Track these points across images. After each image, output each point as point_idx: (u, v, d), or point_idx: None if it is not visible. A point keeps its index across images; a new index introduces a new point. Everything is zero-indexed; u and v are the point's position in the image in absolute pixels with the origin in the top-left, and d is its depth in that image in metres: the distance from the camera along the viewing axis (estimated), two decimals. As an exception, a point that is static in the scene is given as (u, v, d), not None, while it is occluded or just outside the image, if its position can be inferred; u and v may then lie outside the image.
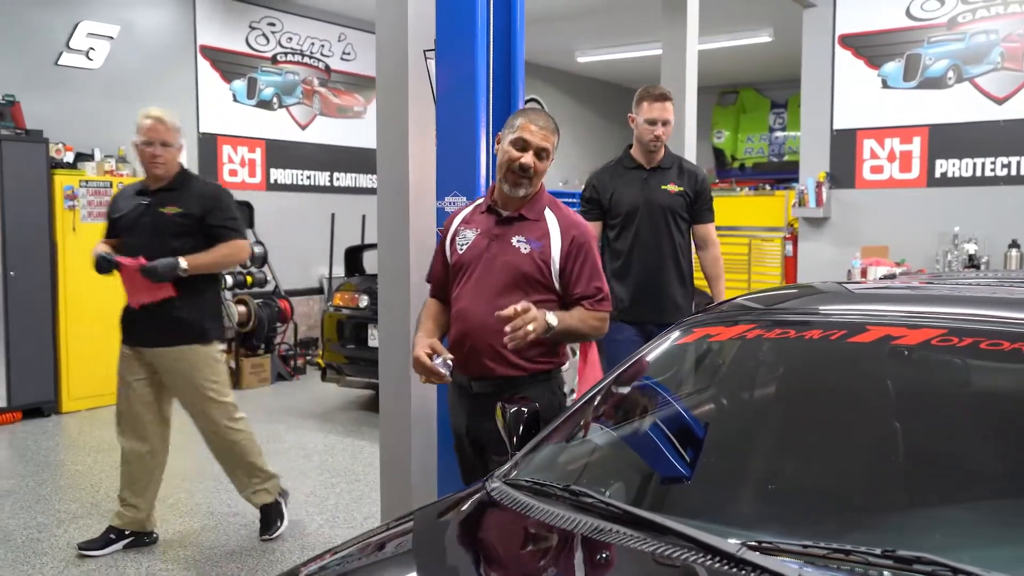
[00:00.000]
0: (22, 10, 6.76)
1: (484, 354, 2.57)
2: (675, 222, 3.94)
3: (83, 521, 4.29)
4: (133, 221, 3.75)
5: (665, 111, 3.90)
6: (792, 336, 2.05)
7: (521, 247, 2.60)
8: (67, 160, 6.67)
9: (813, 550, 1.46)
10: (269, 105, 8.75)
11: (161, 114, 3.78)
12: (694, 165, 4.17)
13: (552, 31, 10.04)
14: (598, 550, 1.61)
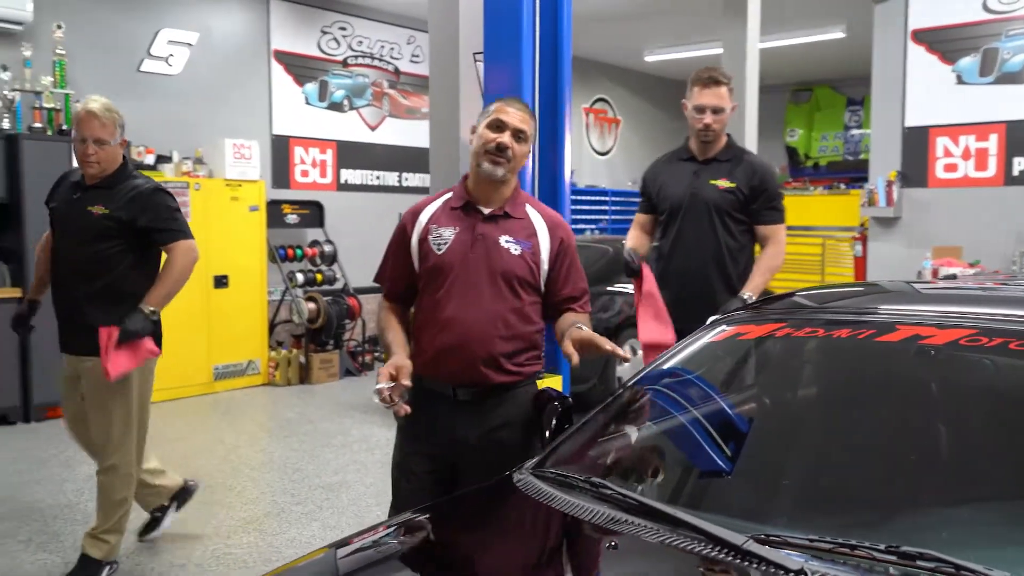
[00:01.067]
0: (108, 20, 7.10)
1: (481, 362, 2.40)
2: (723, 222, 3.48)
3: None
4: (63, 216, 3.48)
5: (716, 97, 3.46)
6: (820, 335, 2.06)
7: (511, 248, 2.45)
8: (148, 162, 6.98)
9: (819, 544, 1.49)
10: (340, 107, 8.98)
11: (97, 107, 3.36)
12: (758, 160, 3.66)
13: (619, 30, 10.04)
14: (609, 539, 1.66)
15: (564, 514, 1.76)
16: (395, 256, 2.59)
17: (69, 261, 3.44)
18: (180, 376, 7.05)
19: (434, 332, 2.43)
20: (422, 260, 2.50)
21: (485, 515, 1.92)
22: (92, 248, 3.37)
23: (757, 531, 1.54)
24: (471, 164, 2.52)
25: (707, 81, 3.46)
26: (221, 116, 7.86)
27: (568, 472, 1.92)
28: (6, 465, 5.18)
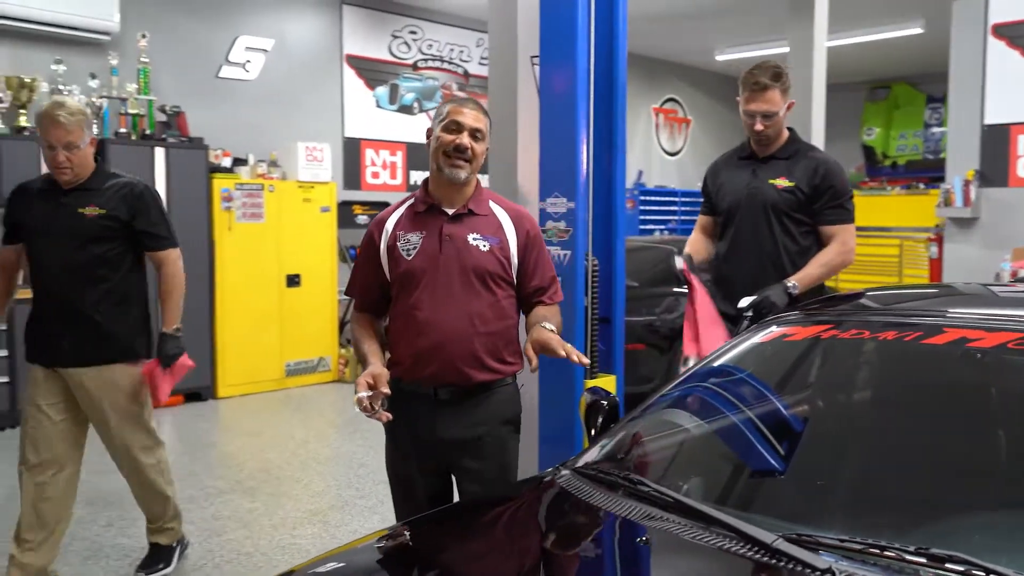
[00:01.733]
0: (189, 28, 7.39)
1: (462, 362, 2.41)
2: (780, 223, 3.28)
3: (226, 496, 4.69)
4: (47, 224, 3.24)
5: (766, 102, 3.24)
6: (866, 337, 2.05)
7: (480, 245, 2.47)
8: (225, 165, 7.24)
9: (849, 544, 1.49)
10: (410, 110, 9.14)
11: (61, 114, 3.14)
12: (822, 156, 3.41)
13: (690, 30, 9.98)
14: (641, 535, 1.69)
15: (601, 510, 1.79)
16: (364, 267, 2.59)
17: (67, 269, 3.24)
18: (254, 372, 7.29)
19: (411, 336, 2.44)
20: (392, 267, 2.50)
21: (526, 510, 1.97)
22: (92, 251, 3.24)
23: (789, 530, 1.55)
24: (431, 168, 2.53)
25: (754, 87, 3.26)
26: (295, 120, 8.09)
27: (608, 470, 1.95)
28: (89, 454, 5.43)
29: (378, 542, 1.86)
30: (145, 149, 6.60)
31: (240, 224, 7.13)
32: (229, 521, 4.32)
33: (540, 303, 2.56)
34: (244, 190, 7.18)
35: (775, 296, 3.09)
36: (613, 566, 1.73)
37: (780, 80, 3.26)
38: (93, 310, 3.26)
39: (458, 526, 1.95)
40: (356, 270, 2.65)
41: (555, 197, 3.25)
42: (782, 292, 3.11)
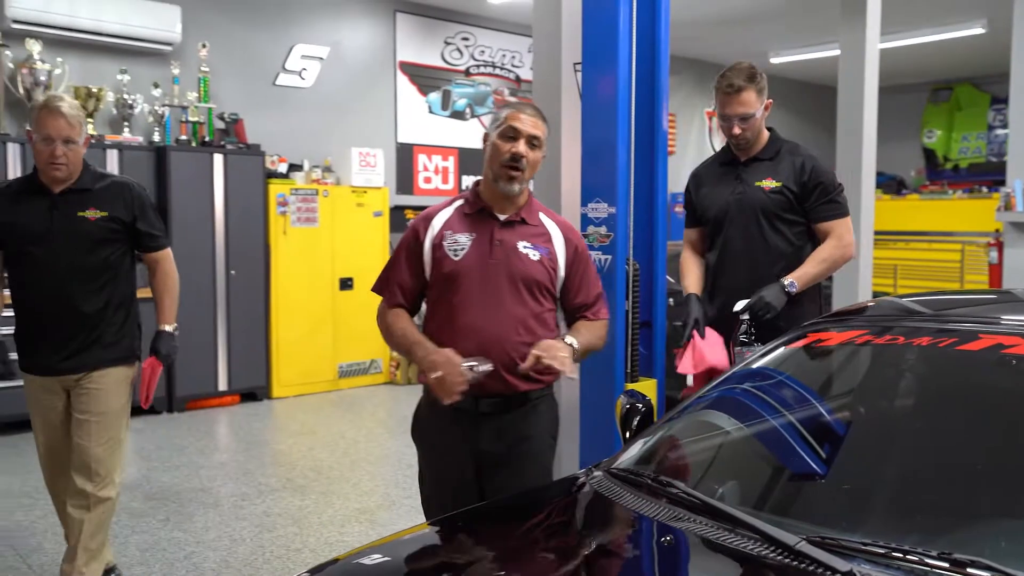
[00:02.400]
0: (247, 38, 7.59)
1: (506, 369, 2.36)
2: (772, 225, 3.13)
3: (277, 494, 4.81)
4: (43, 228, 3.08)
5: (741, 104, 3.08)
6: (900, 343, 2.04)
7: (530, 253, 2.43)
8: (280, 170, 7.41)
9: (871, 548, 1.50)
10: (462, 116, 9.24)
11: (65, 106, 3.05)
12: (806, 152, 3.23)
13: (744, 33, 9.89)
14: (667, 534, 1.72)
15: (629, 510, 1.83)
16: (405, 262, 2.52)
17: (72, 275, 3.11)
18: (307, 373, 7.45)
19: (454, 341, 2.36)
20: (435, 266, 2.45)
21: (557, 510, 2.01)
22: (99, 255, 3.13)
23: (813, 533, 1.57)
24: (485, 174, 2.50)
25: (727, 90, 3.11)
26: (349, 126, 8.24)
27: (639, 472, 1.98)
28: (150, 451, 5.63)
29: (415, 537, 1.92)
30: (204, 156, 6.80)
31: (295, 228, 7.30)
32: (280, 518, 4.44)
33: (584, 319, 2.55)
34: (299, 195, 7.34)
35: (770, 296, 2.98)
36: (638, 566, 1.76)
37: (754, 81, 3.13)
38: (99, 315, 3.15)
39: (490, 524, 2.00)
40: (392, 266, 2.57)
41: (596, 202, 3.28)
42: (779, 292, 3.01)
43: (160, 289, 3.32)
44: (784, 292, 3.01)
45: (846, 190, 5.37)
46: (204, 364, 6.86)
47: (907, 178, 12.81)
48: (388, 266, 2.60)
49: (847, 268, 5.44)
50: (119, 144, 6.46)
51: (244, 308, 7.08)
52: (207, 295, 6.83)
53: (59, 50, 6.46)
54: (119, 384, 3.24)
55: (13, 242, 3.12)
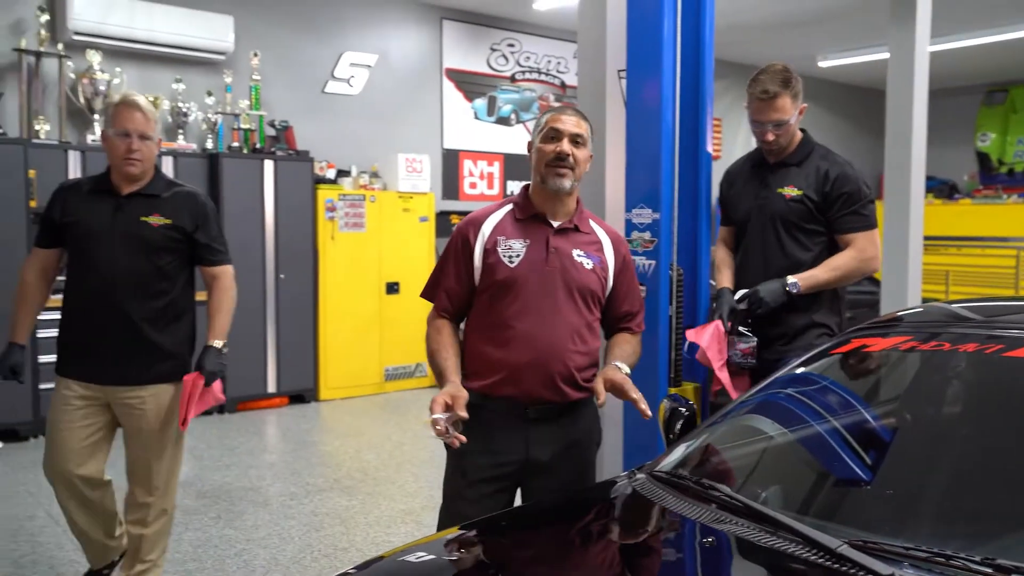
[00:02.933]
0: (298, 46, 7.74)
1: (561, 379, 2.36)
2: (790, 235, 3.08)
3: (324, 494, 4.90)
4: (102, 231, 3.03)
5: (776, 111, 3.02)
6: (946, 349, 2.03)
7: (584, 262, 2.43)
8: (329, 176, 7.54)
9: (914, 552, 1.51)
10: (507, 121, 9.30)
11: (137, 99, 3.05)
12: (834, 160, 3.13)
13: (792, 37, 9.81)
14: (709, 536, 1.74)
15: (672, 512, 1.85)
16: (455, 268, 2.46)
17: (125, 279, 3.03)
18: (354, 376, 7.56)
19: (507, 349, 2.35)
20: (487, 273, 2.41)
21: (600, 511, 2.04)
22: (154, 262, 3.06)
23: (855, 537, 1.58)
24: (534, 180, 2.50)
25: (762, 96, 3.03)
26: (396, 132, 8.35)
27: (681, 474, 2.00)
28: (202, 451, 5.77)
29: (461, 536, 1.96)
30: (255, 162, 6.95)
31: (342, 233, 7.41)
32: (327, 517, 4.52)
33: (627, 329, 2.56)
34: (347, 200, 7.46)
35: (766, 291, 2.99)
36: (680, 566, 1.78)
37: (789, 86, 3.05)
38: (149, 325, 3.06)
39: (533, 524, 2.03)
40: (441, 272, 2.52)
41: (640, 208, 3.30)
42: (779, 289, 2.99)
43: (215, 305, 3.22)
44: (784, 291, 2.99)
45: (895, 195, 5.33)
46: (254, 366, 7.00)
47: (960, 182, 12.57)
48: (436, 271, 2.55)
49: (895, 274, 5.37)
50: (174, 151, 6.64)
51: (293, 312, 7.21)
52: (257, 299, 6.97)
53: (117, 60, 6.66)
54: (164, 404, 3.13)
55: (74, 241, 3.07)
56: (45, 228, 3.14)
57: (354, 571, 1.81)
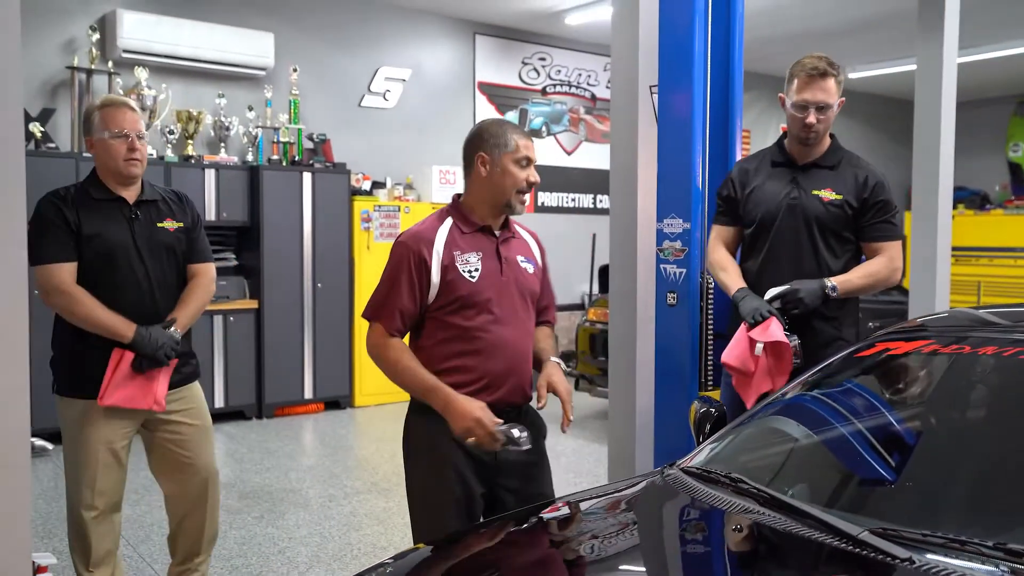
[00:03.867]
0: (335, 62, 7.95)
1: (526, 383, 2.51)
2: (825, 240, 2.97)
3: (363, 496, 5.05)
4: (127, 243, 2.93)
5: (823, 91, 2.91)
6: (966, 352, 2.14)
7: (527, 267, 2.56)
8: (364, 188, 7.73)
9: (931, 539, 1.61)
10: (538, 134, 9.45)
11: (126, 99, 3.03)
12: (869, 167, 3.08)
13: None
14: (737, 523, 1.85)
15: (705, 503, 1.97)
16: (409, 288, 2.42)
17: (159, 288, 3.00)
18: (387, 383, 7.60)
19: (482, 358, 2.42)
20: (448, 289, 2.42)
21: (639, 501, 2.16)
22: (174, 267, 3.05)
23: (876, 526, 1.68)
24: (491, 197, 2.50)
25: (812, 72, 2.92)
26: (430, 144, 8.53)
27: (712, 469, 2.12)
28: (242, 454, 5.95)
29: (495, 526, 2.09)
30: (294, 174, 7.16)
31: (377, 243, 7.59)
32: (366, 518, 4.67)
33: (546, 323, 2.71)
34: (382, 211, 7.64)
35: (805, 294, 2.85)
36: (711, 551, 1.90)
37: (836, 70, 2.96)
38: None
39: (573, 512, 2.15)
40: (393, 292, 2.44)
41: (671, 218, 3.42)
42: (817, 291, 2.87)
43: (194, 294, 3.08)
44: (823, 292, 2.87)
45: (923, 206, 5.39)
46: (292, 373, 7.19)
47: (992, 193, 12.52)
48: (385, 291, 2.47)
49: (924, 284, 5.42)
50: (216, 164, 6.86)
51: (329, 320, 7.39)
52: (296, 307, 7.17)
53: (163, 76, 6.90)
54: (199, 400, 3.15)
55: (97, 255, 2.89)
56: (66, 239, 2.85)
57: (391, 560, 1.93)
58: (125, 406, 2.87)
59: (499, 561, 1.97)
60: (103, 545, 2.97)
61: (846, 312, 3.04)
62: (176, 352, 2.94)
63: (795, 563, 1.76)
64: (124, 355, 2.84)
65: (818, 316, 2.94)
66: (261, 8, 7.46)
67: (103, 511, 2.95)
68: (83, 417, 2.90)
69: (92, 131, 2.95)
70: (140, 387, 2.87)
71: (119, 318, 2.86)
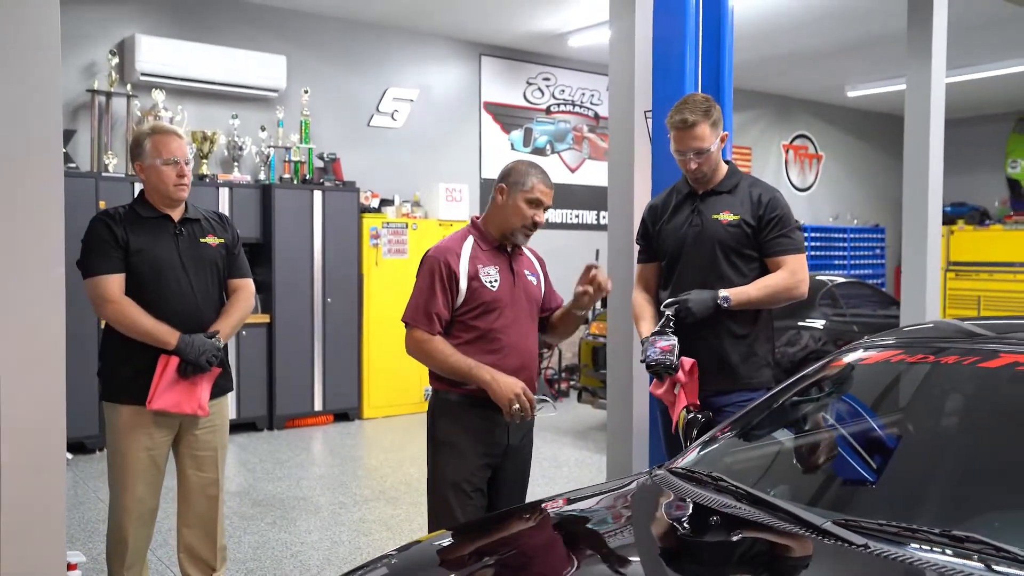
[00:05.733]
0: (345, 83, 8.19)
1: (533, 376, 2.93)
2: (728, 260, 3.08)
3: (371, 504, 5.23)
4: (172, 259, 3.10)
5: (695, 139, 3.03)
6: (930, 361, 2.32)
7: (532, 280, 3.00)
8: (373, 205, 7.94)
9: (886, 528, 1.79)
10: (543, 152, 9.67)
11: (174, 127, 3.25)
12: (764, 186, 3.19)
13: (821, 67, 10.09)
14: (716, 515, 2.03)
15: (687, 500, 2.15)
16: (442, 295, 2.80)
17: (205, 302, 3.17)
18: (395, 396, 7.91)
19: (500, 356, 2.82)
20: (474, 295, 2.82)
21: (628, 499, 2.34)
22: (217, 282, 3.23)
23: (839, 518, 1.86)
24: (501, 223, 2.90)
25: (679, 126, 3.06)
26: (436, 163, 8.76)
27: (695, 469, 2.30)
28: (254, 464, 6.13)
29: (488, 521, 2.27)
30: (305, 192, 7.38)
31: (386, 259, 7.80)
32: (375, 524, 4.85)
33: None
34: (390, 228, 7.85)
35: (694, 303, 2.96)
36: (693, 539, 2.08)
37: (708, 115, 3.07)
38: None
39: (565, 509, 2.33)
40: (429, 298, 2.82)
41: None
42: (708, 300, 2.97)
43: (236, 307, 3.27)
44: (714, 302, 2.97)
45: (913, 222, 5.58)
46: (301, 386, 7.39)
47: (991, 208, 12.69)
48: (423, 298, 2.84)
49: (915, 299, 5.61)
50: (229, 183, 7.08)
51: (338, 334, 7.59)
52: (305, 322, 7.37)
53: (179, 98, 7.14)
54: (226, 412, 3.34)
55: (143, 270, 3.05)
56: (114, 253, 3.02)
57: (395, 552, 2.11)
58: (172, 410, 3.04)
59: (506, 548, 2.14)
60: (138, 547, 3.15)
61: (758, 328, 3.13)
62: (218, 360, 3.10)
63: (766, 550, 1.94)
64: (170, 361, 3.01)
65: (728, 334, 3.05)
66: (273, 32, 7.71)
67: (142, 515, 3.12)
68: (127, 423, 3.07)
69: (143, 157, 3.13)
70: (185, 392, 3.04)
71: (164, 326, 3.02)
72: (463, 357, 2.79)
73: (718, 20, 3.65)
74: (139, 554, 3.19)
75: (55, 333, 2.60)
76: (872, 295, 8.03)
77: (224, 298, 3.30)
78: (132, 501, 3.10)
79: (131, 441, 3.08)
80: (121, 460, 3.10)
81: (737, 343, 3.06)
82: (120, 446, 3.09)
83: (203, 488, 3.25)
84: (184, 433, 3.20)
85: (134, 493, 3.09)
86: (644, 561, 1.99)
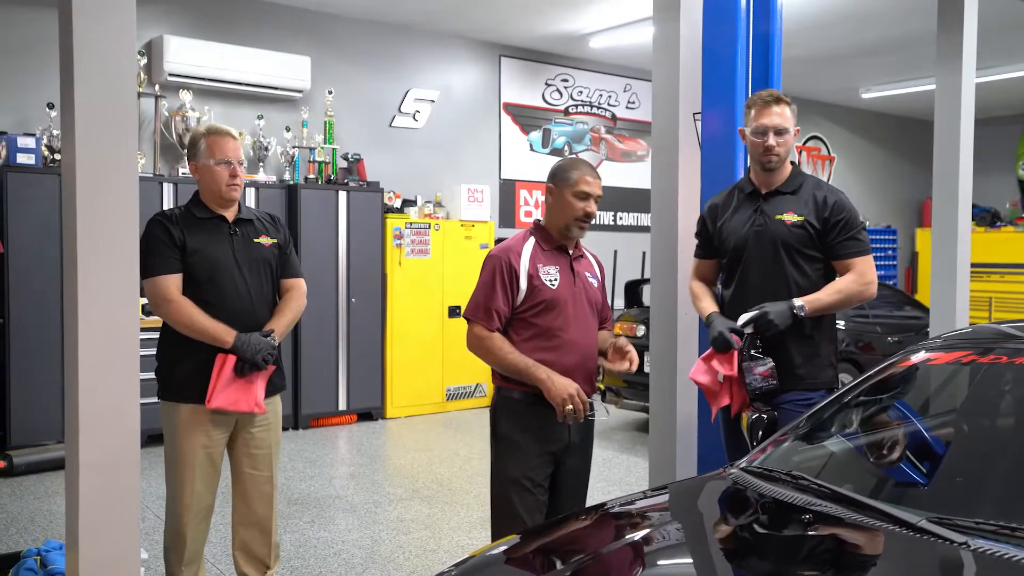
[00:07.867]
0: (367, 84, 8.21)
1: (592, 374, 3.02)
2: (793, 262, 3.08)
3: (406, 503, 5.26)
4: (227, 258, 3.16)
5: (778, 116, 3.08)
6: (1003, 361, 2.35)
7: (593, 282, 3.09)
8: (396, 206, 7.97)
9: (984, 526, 1.82)
10: (561, 153, 9.70)
11: (228, 128, 3.29)
12: (829, 188, 3.19)
13: (836, 70, 10.14)
14: (805, 514, 2.06)
15: (770, 498, 2.18)
16: (503, 293, 2.90)
17: (260, 301, 3.22)
18: (418, 395, 7.94)
19: (559, 353, 2.91)
20: (533, 294, 2.90)
21: (705, 496, 2.37)
22: (271, 281, 3.28)
23: (933, 515, 1.89)
24: (557, 222, 3.01)
25: (767, 100, 3.10)
26: (457, 163, 8.79)
27: (771, 468, 2.33)
28: (284, 463, 6.16)
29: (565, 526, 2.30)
30: (330, 193, 7.40)
31: (409, 260, 7.83)
32: (413, 523, 4.87)
33: (604, 328, 3.18)
34: (413, 229, 7.88)
35: (775, 313, 2.94)
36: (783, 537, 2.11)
37: (788, 101, 3.15)
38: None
39: (646, 506, 2.36)
40: (491, 296, 2.91)
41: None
42: (786, 311, 2.96)
43: (288, 306, 3.31)
44: (792, 313, 2.97)
45: (943, 224, 5.60)
46: (326, 385, 7.42)
47: (1002, 210, 12.74)
48: (484, 295, 2.94)
49: (944, 300, 5.63)
50: (255, 183, 7.10)
51: (362, 334, 7.62)
52: (330, 322, 7.40)
53: (206, 99, 7.17)
54: (279, 411, 3.38)
55: (199, 269, 3.10)
56: (171, 254, 3.07)
57: (453, 568, 2.05)
58: (230, 409, 3.08)
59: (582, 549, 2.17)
60: (196, 544, 3.19)
61: (823, 331, 3.14)
62: (273, 358, 3.15)
63: (860, 548, 1.97)
64: (227, 360, 3.06)
65: (794, 335, 3.04)
66: (298, 34, 7.73)
67: (200, 511, 3.17)
68: (186, 421, 3.11)
69: (198, 157, 3.20)
70: (242, 391, 3.09)
71: (220, 325, 3.06)
72: (520, 355, 2.88)
73: (768, 21, 3.68)
74: (197, 551, 3.23)
75: (131, 332, 2.62)
76: (891, 295, 8.06)
77: (277, 297, 3.35)
78: (190, 498, 3.14)
79: (190, 439, 3.12)
80: (180, 458, 3.14)
81: (803, 344, 3.06)
82: (179, 444, 3.14)
83: (258, 486, 3.30)
84: (240, 431, 3.24)
85: (192, 490, 3.14)
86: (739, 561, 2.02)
